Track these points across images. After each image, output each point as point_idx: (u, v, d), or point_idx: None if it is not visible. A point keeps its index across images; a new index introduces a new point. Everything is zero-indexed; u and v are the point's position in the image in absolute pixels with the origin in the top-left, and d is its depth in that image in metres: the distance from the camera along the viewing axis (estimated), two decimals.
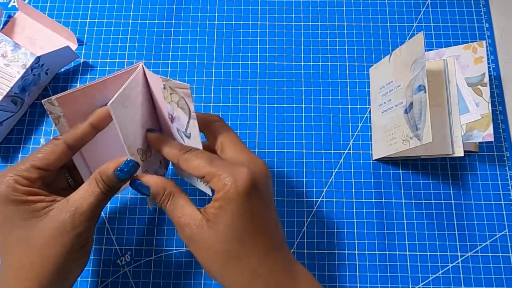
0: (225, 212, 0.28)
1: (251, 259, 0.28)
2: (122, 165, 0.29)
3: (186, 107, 0.29)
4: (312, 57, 0.46)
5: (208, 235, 0.28)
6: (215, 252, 0.28)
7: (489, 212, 0.41)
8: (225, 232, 0.28)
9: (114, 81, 0.30)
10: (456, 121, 0.39)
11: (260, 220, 0.29)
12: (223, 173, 0.28)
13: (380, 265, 0.40)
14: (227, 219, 0.28)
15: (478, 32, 0.47)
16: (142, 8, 0.48)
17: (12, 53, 0.40)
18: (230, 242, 0.28)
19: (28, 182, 0.29)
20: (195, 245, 0.29)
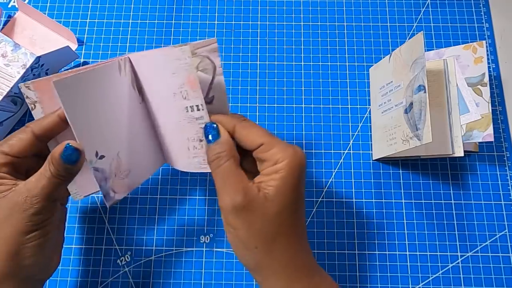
0: (287, 181, 0.28)
1: (299, 231, 0.30)
2: (64, 149, 0.29)
3: (210, 66, 0.28)
4: (312, 57, 0.46)
5: (267, 204, 0.28)
6: (270, 222, 0.28)
7: (489, 212, 0.41)
8: (285, 202, 0.28)
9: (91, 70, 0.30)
10: (456, 121, 0.39)
11: (303, 198, 0.30)
12: (282, 146, 0.29)
13: (380, 265, 0.40)
14: (288, 189, 0.28)
15: (478, 32, 0.47)
16: (142, 8, 0.48)
17: (12, 53, 0.40)
18: (286, 213, 0.28)
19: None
20: (247, 214, 0.28)
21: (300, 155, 0.29)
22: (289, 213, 0.29)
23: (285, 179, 0.28)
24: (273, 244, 0.28)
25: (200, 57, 0.28)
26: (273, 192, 0.28)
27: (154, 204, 0.41)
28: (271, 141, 0.29)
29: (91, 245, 0.40)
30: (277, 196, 0.28)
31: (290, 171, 0.28)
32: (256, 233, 0.28)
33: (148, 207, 0.41)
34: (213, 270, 0.39)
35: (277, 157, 0.28)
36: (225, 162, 0.29)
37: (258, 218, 0.28)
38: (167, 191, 0.42)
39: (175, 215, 0.41)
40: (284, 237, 0.29)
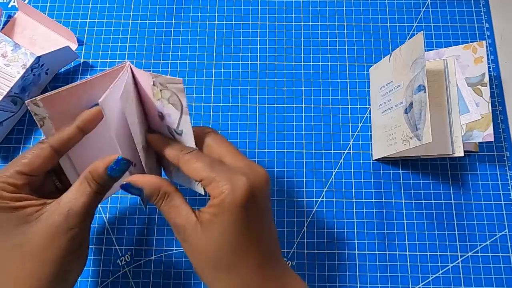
0: (219, 220, 0.27)
1: (243, 271, 0.28)
2: (113, 163, 0.29)
3: (178, 103, 0.28)
4: (312, 57, 0.46)
5: (201, 239, 0.27)
6: (207, 258, 0.28)
7: (489, 212, 0.41)
8: (218, 240, 0.27)
9: (101, 81, 0.29)
10: (456, 121, 0.39)
11: (254, 232, 0.28)
12: (221, 179, 0.27)
13: (380, 265, 0.40)
14: (221, 227, 0.27)
15: (478, 32, 0.47)
16: (142, 8, 0.48)
17: (12, 53, 0.40)
18: (222, 250, 0.27)
19: (14, 189, 0.28)
20: (189, 247, 0.28)
21: (239, 188, 0.27)
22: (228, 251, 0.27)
23: (219, 215, 0.27)
24: (214, 277, 0.28)
25: (170, 92, 0.28)
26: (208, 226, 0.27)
27: None
28: (209, 176, 0.28)
29: (91, 245, 0.40)
30: (212, 230, 0.27)
31: (227, 208, 0.27)
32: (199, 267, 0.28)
33: (148, 207, 0.41)
34: None
35: (215, 192, 0.27)
36: (161, 206, 0.29)
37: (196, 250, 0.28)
38: None
39: None
40: (226, 274, 0.28)
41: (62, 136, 0.30)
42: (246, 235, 0.27)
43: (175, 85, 0.27)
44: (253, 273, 0.28)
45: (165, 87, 0.28)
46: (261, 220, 0.29)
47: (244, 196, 0.27)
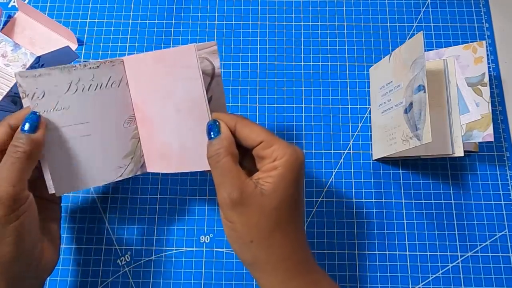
0: (284, 178, 0.29)
1: (297, 226, 0.30)
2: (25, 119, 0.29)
3: (209, 68, 0.29)
4: (312, 57, 0.46)
5: (263, 200, 0.28)
6: (267, 217, 0.28)
7: (489, 212, 0.41)
8: (282, 198, 0.29)
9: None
10: (456, 121, 0.39)
11: (301, 196, 0.31)
12: (282, 144, 0.29)
13: (380, 265, 0.40)
14: (285, 185, 0.29)
15: (478, 32, 0.47)
16: (142, 8, 0.48)
17: (12, 53, 0.40)
18: (284, 208, 0.29)
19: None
20: (244, 209, 0.28)
21: (299, 153, 0.29)
22: (286, 209, 0.29)
23: (282, 176, 0.29)
24: (269, 239, 0.29)
25: (200, 58, 0.28)
26: (270, 187, 0.28)
27: (154, 204, 0.41)
28: (271, 139, 0.29)
29: (91, 245, 0.40)
30: (274, 191, 0.28)
31: (289, 168, 0.29)
32: (252, 228, 0.29)
33: (148, 207, 0.41)
34: (213, 270, 0.39)
35: (276, 154, 0.29)
36: (223, 158, 0.29)
37: (254, 213, 0.28)
38: (167, 191, 0.42)
39: (175, 215, 0.41)
40: (281, 233, 0.29)
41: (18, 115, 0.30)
42: (299, 197, 0.30)
43: (208, 49, 0.28)
44: (302, 238, 0.31)
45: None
46: (303, 187, 0.31)
47: (302, 162, 0.30)
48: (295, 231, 0.30)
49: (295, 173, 0.29)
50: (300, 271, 0.30)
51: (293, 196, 0.29)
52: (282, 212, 0.29)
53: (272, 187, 0.28)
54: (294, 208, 0.30)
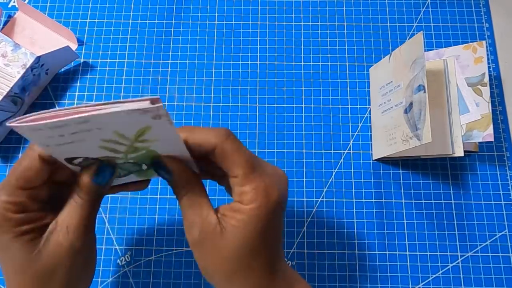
0: (247, 226, 0.26)
1: (259, 274, 0.27)
2: (96, 171, 0.27)
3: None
4: (312, 57, 0.46)
5: (222, 242, 0.26)
6: (224, 261, 0.27)
7: (489, 212, 0.41)
8: (242, 244, 0.26)
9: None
10: (456, 121, 0.39)
11: (274, 234, 0.28)
12: (258, 187, 0.26)
13: (380, 265, 0.40)
14: (248, 232, 0.26)
15: (478, 32, 0.47)
16: (142, 8, 0.48)
17: (12, 53, 0.40)
18: (244, 254, 0.27)
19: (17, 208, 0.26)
20: (202, 249, 0.27)
21: (272, 199, 0.26)
22: (247, 255, 0.27)
23: (245, 223, 0.26)
24: (230, 281, 0.27)
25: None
26: (231, 230, 0.26)
27: (154, 204, 0.41)
28: (245, 177, 0.26)
29: None
30: (234, 236, 0.26)
31: (254, 217, 0.26)
32: (211, 268, 0.27)
33: (148, 207, 0.41)
34: None
35: (245, 197, 0.26)
36: (182, 198, 0.28)
37: (212, 255, 0.27)
38: (167, 191, 0.42)
39: (175, 215, 0.41)
40: (241, 276, 0.27)
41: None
42: (267, 238, 0.27)
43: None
44: (268, 277, 0.28)
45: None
46: (278, 223, 0.28)
47: (275, 206, 0.27)
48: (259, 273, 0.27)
49: (261, 222, 0.26)
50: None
51: (257, 242, 0.26)
52: (243, 257, 0.26)
53: (232, 230, 0.26)
54: (259, 253, 0.27)
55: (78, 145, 0.24)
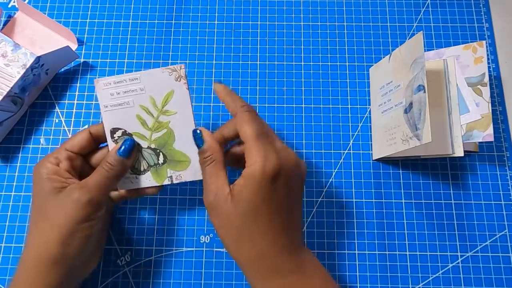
0: (246, 189, 0.30)
1: (262, 239, 0.30)
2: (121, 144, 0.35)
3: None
4: (312, 57, 0.46)
5: (229, 208, 0.30)
6: (231, 225, 0.31)
7: (489, 212, 0.41)
8: (244, 208, 0.30)
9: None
10: (456, 121, 0.39)
11: (278, 205, 0.31)
12: (258, 152, 0.30)
13: (380, 265, 0.40)
14: (248, 196, 0.30)
15: (478, 32, 0.47)
16: (142, 8, 0.48)
17: (12, 53, 0.40)
18: (246, 218, 0.30)
19: (57, 161, 0.34)
20: (215, 213, 0.31)
21: (271, 163, 0.30)
22: (253, 215, 0.30)
23: (248, 184, 0.30)
24: (239, 243, 0.31)
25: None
26: (238, 194, 0.30)
27: (154, 204, 0.41)
28: (250, 144, 0.31)
29: None
30: (240, 199, 0.30)
31: (256, 178, 0.30)
32: (223, 231, 0.31)
33: (148, 207, 0.41)
34: (213, 270, 0.39)
35: (250, 161, 0.30)
36: (206, 166, 0.33)
37: (222, 217, 0.31)
38: (167, 191, 0.42)
39: (175, 215, 0.41)
40: (248, 238, 0.30)
41: (99, 126, 0.36)
42: (268, 206, 0.30)
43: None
44: (270, 244, 0.31)
45: None
46: (284, 197, 0.31)
47: (273, 171, 0.30)
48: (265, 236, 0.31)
49: (261, 185, 0.30)
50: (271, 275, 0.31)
51: (261, 203, 0.30)
52: (248, 223, 0.30)
53: (237, 195, 0.30)
54: (264, 214, 0.30)
55: (123, 112, 0.35)
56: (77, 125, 0.44)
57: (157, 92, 0.35)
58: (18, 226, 0.40)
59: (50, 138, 0.43)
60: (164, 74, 0.35)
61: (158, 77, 0.35)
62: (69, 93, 0.45)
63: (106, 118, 0.35)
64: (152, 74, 0.35)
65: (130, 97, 0.35)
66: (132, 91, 0.35)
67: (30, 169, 0.42)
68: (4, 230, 0.40)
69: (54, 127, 0.43)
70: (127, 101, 0.35)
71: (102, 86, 0.35)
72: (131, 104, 0.35)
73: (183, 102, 0.35)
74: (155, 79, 0.35)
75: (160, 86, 0.35)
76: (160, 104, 0.35)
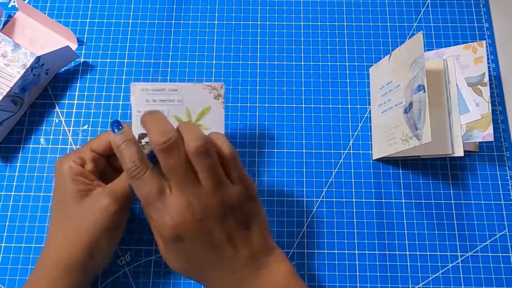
0: (164, 248, 0.31)
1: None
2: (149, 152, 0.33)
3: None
4: (312, 57, 0.46)
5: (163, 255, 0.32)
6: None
7: (489, 212, 0.41)
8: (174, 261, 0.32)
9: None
10: (456, 121, 0.39)
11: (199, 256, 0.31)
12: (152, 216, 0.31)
13: (380, 265, 0.40)
14: (168, 253, 0.31)
15: (478, 32, 0.47)
16: (142, 8, 0.48)
17: (12, 53, 0.40)
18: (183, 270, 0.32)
19: (82, 161, 0.34)
20: None
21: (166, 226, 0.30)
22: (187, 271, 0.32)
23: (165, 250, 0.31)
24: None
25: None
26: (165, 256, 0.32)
27: None
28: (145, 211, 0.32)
29: None
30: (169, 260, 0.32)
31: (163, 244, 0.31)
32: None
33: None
34: None
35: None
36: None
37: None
38: None
39: None
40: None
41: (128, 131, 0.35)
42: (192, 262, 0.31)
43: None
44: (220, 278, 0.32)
45: None
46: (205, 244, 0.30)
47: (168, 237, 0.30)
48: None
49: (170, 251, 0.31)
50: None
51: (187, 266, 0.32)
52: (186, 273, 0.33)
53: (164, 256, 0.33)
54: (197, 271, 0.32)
55: None
56: (77, 125, 0.44)
57: (194, 106, 0.36)
58: (18, 226, 0.40)
59: (50, 138, 0.43)
60: (204, 91, 0.36)
61: (198, 92, 0.36)
62: (69, 93, 0.45)
63: (137, 122, 0.35)
64: (192, 88, 0.36)
65: (166, 106, 0.35)
66: (170, 101, 0.35)
67: (30, 169, 0.42)
68: (4, 230, 0.40)
69: (54, 127, 0.43)
70: (162, 110, 0.35)
71: (140, 91, 0.35)
72: (165, 113, 0.35)
73: (217, 120, 0.36)
74: (194, 93, 0.36)
75: (198, 101, 0.36)
76: (195, 118, 0.36)
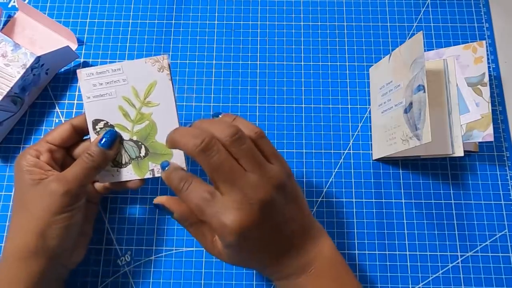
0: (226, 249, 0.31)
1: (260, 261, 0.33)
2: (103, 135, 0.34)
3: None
4: (312, 57, 0.46)
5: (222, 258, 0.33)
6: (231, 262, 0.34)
7: (489, 212, 0.41)
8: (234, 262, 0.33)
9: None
10: (456, 121, 0.39)
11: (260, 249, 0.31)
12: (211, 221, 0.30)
13: (380, 265, 0.40)
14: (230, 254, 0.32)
15: (478, 32, 0.47)
16: (142, 8, 0.48)
17: (12, 53, 0.40)
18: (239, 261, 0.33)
19: (37, 153, 0.34)
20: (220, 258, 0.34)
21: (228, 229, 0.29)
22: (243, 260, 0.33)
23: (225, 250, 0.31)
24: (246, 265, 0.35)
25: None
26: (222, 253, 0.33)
27: None
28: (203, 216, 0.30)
29: (91, 245, 0.40)
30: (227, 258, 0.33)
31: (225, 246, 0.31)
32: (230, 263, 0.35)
33: (148, 207, 0.41)
34: (213, 270, 0.39)
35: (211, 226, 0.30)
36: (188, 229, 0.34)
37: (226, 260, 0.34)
38: (167, 191, 0.42)
39: None
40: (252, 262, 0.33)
41: (80, 118, 0.36)
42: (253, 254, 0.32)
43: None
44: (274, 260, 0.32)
45: None
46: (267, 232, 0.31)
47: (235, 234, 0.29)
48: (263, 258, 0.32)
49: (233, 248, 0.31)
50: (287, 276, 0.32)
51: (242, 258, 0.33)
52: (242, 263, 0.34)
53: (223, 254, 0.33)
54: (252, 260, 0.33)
55: (106, 103, 0.35)
56: None
57: (139, 83, 0.34)
58: None
59: None
60: (146, 65, 0.34)
61: (141, 67, 0.34)
62: (69, 93, 0.45)
63: (88, 109, 0.35)
64: (135, 64, 0.34)
65: (113, 88, 0.34)
66: (115, 82, 0.34)
67: None
68: (4, 230, 0.40)
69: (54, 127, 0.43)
70: (110, 92, 0.34)
71: (85, 76, 0.34)
72: (113, 95, 0.35)
73: (166, 93, 0.34)
74: (137, 69, 0.34)
75: (142, 77, 0.34)
76: (143, 95, 0.35)
